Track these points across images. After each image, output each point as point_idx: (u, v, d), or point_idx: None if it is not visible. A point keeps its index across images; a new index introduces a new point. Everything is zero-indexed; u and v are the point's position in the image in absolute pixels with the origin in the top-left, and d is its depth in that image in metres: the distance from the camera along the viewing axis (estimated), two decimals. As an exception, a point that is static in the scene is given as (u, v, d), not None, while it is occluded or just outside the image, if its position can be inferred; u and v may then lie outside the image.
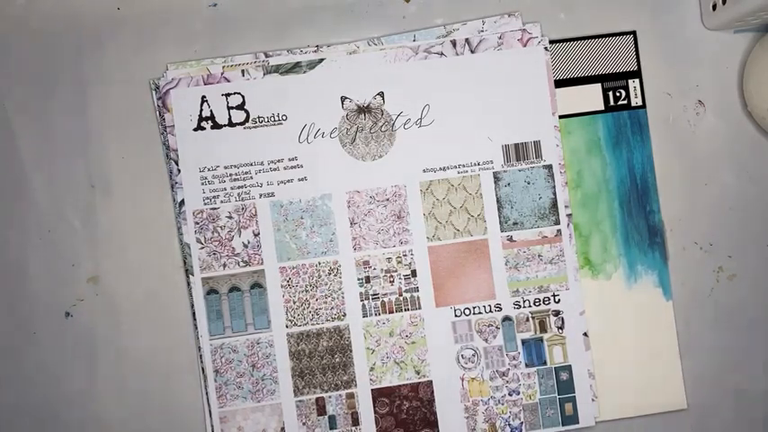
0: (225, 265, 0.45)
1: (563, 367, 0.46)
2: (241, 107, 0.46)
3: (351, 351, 0.46)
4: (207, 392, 0.45)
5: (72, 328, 0.45)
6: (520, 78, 0.46)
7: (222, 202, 0.45)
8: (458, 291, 0.46)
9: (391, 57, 0.46)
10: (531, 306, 0.46)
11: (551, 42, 0.46)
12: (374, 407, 0.46)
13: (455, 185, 0.46)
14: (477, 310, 0.46)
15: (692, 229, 0.47)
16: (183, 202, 0.45)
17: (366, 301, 0.46)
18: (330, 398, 0.45)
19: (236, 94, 0.46)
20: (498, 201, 0.46)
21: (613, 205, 0.46)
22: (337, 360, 0.46)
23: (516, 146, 0.46)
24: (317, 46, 0.46)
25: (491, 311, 0.46)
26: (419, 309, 0.46)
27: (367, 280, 0.46)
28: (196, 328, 0.45)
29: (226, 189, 0.45)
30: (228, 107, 0.45)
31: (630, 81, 0.47)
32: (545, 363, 0.46)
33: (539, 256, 0.46)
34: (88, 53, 0.46)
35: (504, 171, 0.46)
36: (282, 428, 0.45)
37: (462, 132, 0.46)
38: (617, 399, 0.46)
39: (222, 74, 0.45)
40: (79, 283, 0.46)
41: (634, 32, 0.47)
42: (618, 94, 0.46)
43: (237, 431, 0.45)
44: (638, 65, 0.47)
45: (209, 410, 0.45)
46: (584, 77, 0.46)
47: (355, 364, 0.46)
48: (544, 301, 0.46)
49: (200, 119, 0.45)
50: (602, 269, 0.46)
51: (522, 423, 0.46)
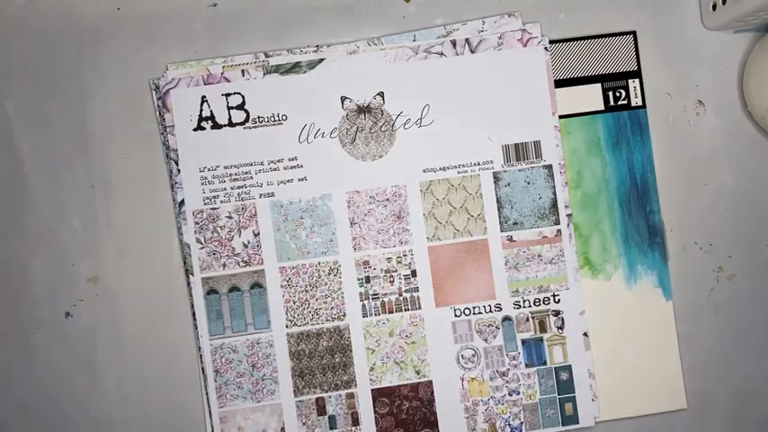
0: (225, 265, 0.45)
1: (563, 367, 0.46)
2: (241, 107, 0.45)
3: (351, 351, 0.46)
4: (207, 392, 0.45)
5: (72, 328, 0.45)
6: (520, 78, 0.46)
7: (222, 202, 0.45)
8: (458, 291, 0.46)
9: (391, 57, 0.46)
10: (531, 306, 0.46)
11: (551, 42, 0.46)
12: (374, 407, 0.46)
13: (455, 185, 0.46)
14: (477, 310, 0.46)
15: (692, 229, 0.47)
16: (183, 202, 0.45)
17: (366, 301, 0.46)
18: (330, 398, 0.45)
19: (236, 94, 0.46)
20: (498, 201, 0.46)
21: (613, 205, 0.46)
22: (337, 360, 0.46)
23: (516, 146, 0.46)
24: (317, 46, 0.46)
25: (491, 311, 0.46)
26: (419, 309, 0.46)
27: (367, 280, 0.46)
28: (196, 328, 0.45)
29: (226, 189, 0.45)
30: (228, 107, 0.45)
31: (630, 81, 0.47)
32: (545, 363, 0.46)
33: (539, 256, 0.46)
34: (88, 53, 0.46)
35: (504, 171, 0.46)
36: (282, 428, 0.45)
37: (462, 132, 0.46)
38: (617, 399, 0.46)
39: (222, 74, 0.45)
40: (79, 283, 0.46)
41: (634, 32, 0.47)
42: (618, 94, 0.46)
43: (237, 431, 0.45)
44: (638, 65, 0.47)
45: (209, 410, 0.45)
46: (584, 77, 0.46)
47: (355, 364, 0.46)
48: (544, 301, 0.46)
49: (200, 119, 0.45)
50: (602, 269, 0.46)
51: (522, 423, 0.46)
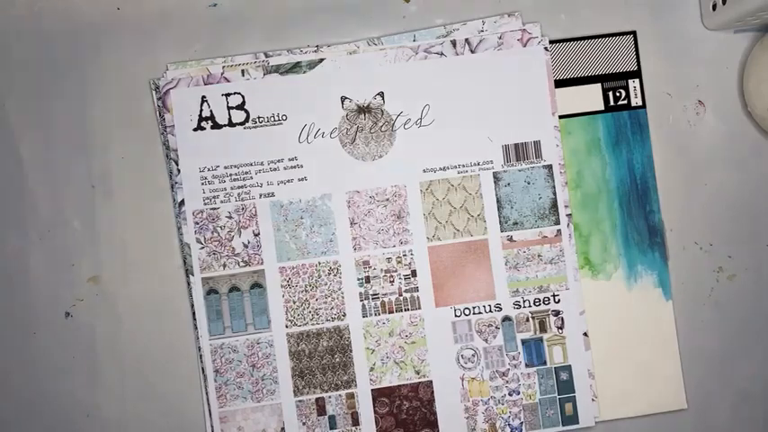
0: (225, 265, 0.45)
1: (563, 367, 0.46)
2: (241, 107, 0.45)
3: (351, 351, 0.46)
4: (207, 392, 0.45)
5: (72, 328, 0.45)
6: (520, 78, 0.46)
7: (222, 202, 0.45)
8: (458, 291, 0.46)
9: (391, 57, 0.46)
10: (531, 306, 0.46)
11: (551, 42, 0.46)
12: (374, 407, 0.46)
13: (455, 185, 0.46)
14: (477, 310, 0.46)
15: (692, 229, 0.47)
16: (182, 202, 0.45)
17: (366, 301, 0.46)
18: (330, 398, 0.45)
19: (236, 94, 0.46)
20: (498, 201, 0.46)
21: (613, 205, 0.46)
22: (337, 360, 0.45)
23: (516, 146, 0.46)
24: (317, 46, 0.46)
25: (491, 311, 0.46)
26: (419, 309, 0.46)
27: (367, 280, 0.46)
28: (196, 328, 0.45)
29: (226, 189, 0.45)
30: (228, 107, 0.45)
31: (630, 81, 0.47)
32: (545, 363, 0.46)
33: (539, 256, 0.46)
34: (88, 53, 0.46)
35: (504, 171, 0.46)
36: (282, 428, 0.45)
37: (462, 132, 0.46)
38: (617, 399, 0.46)
39: (222, 74, 0.45)
40: (79, 283, 0.46)
41: (634, 32, 0.47)
42: (618, 94, 0.46)
43: (237, 431, 0.45)
44: (638, 65, 0.47)
45: (209, 410, 0.45)
46: (584, 77, 0.46)
47: (355, 364, 0.46)
48: (544, 301, 0.46)
49: (200, 119, 0.45)
50: (602, 269, 0.46)
51: (522, 423, 0.46)
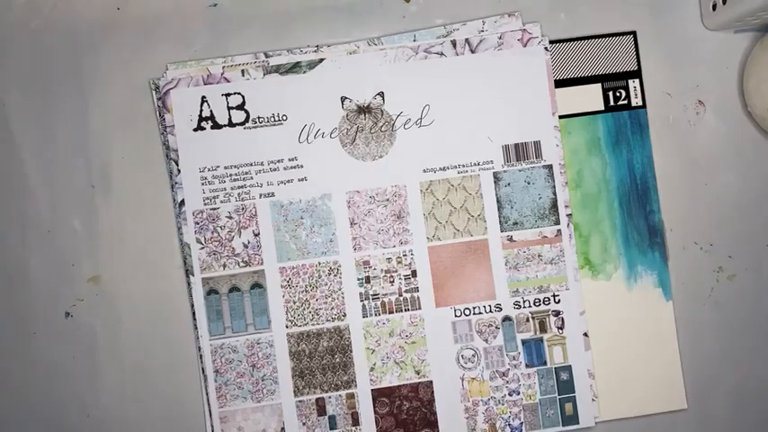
0: (225, 266, 0.45)
1: (563, 367, 0.46)
2: (241, 107, 0.45)
3: (351, 351, 0.46)
4: (207, 392, 0.45)
5: (72, 328, 0.45)
6: (520, 78, 0.46)
7: (222, 202, 0.45)
8: (458, 291, 0.46)
9: (391, 57, 0.46)
10: (531, 306, 0.46)
11: (551, 42, 0.46)
12: (374, 407, 0.46)
13: (455, 185, 0.46)
14: (477, 310, 0.46)
15: (692, 229, 0.47)
16: (183, 202, 0.45)
17: (366, 302, 0.46)
18: (330, 398, 0.45)
19: (236, 94, 0.46)
20: (498, 201, 0.46)
21: (613, 205, 0.46)
22: (337, 360, 0.45)
23: (516, 146, 0.46)
24: (317, 46, 0.46)
25: (491, 311, 0.46)
26: (419, 309, 0.46)
27: (367, 280, 0.46)
28: (196, 328, 0.45)
29: (226, 189, 0.45)
30: (228, 107, 0.45)
31: (630, 81, 0.47)
32: (545, 363, 0.46)
33: (539, 256, 0.46)
34: (88, 53, 0.46)
35: (504, 171, 0.46)
36: (282, 428, 0.45)
37: (462, 132, 0.46)
38: (617, 399, 0.46)
39: (222, 74, 0.45)
40: (79, 283, 0.46)
41: (634, 32, 0.47)
42: (618, 94, 0.46)
43: (237, 431, 0.45)
44: (638, 65, 0.47)
45: (209, 410, 0.45)
46: (584, 77, 0.46)
47: (355, 364, 0.46)
48: (544, 301, 0.46)
49: (200, 119, 0.45)
50: (602, 269, 0.46)
51: (523, 423, 0.46)
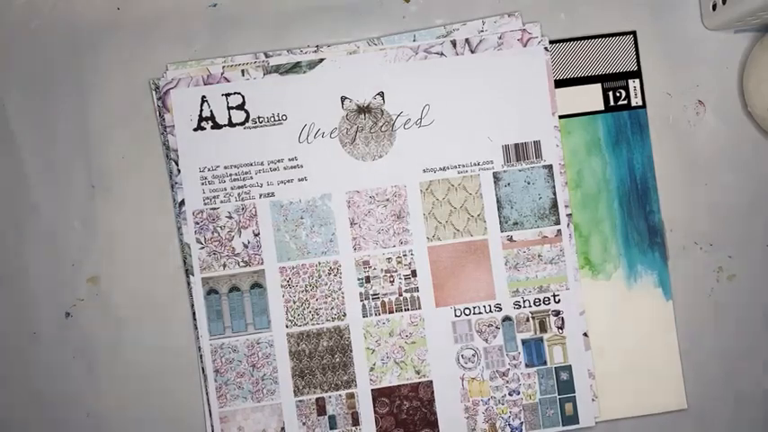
0: (225, 266, 0.45)
1: (563, 367, 0.46)
2: (241, 107, 0.45)
3: (351, 351, 0.46)
4: (207, 392, 0.45)
5: (72, 328, 0.45)
6: (520, 78, 0.46)
7: (222, 202, 0.45)
8: (458, 291, 0.46)
9: (391, 57, 0.46)
10: (531, 306, 0.46)
11: (551, 42, 0.46)
12: (374, 407, 0.46)
13: (455, 185, 0.46)
14: (477, 310, 0.46)
15: (692, 229, 0.47)
16: (183, 202, 0.45)
17: (366, 301, 0.46)
18: (330, 398, 0.45)
19: (236, 94, 0.46)
20: (498, 201, 0.46)
21: (613, 205, 0.46)
22: (337, 360, 0.45)
23: (516, 146, 0.46)
24: (316, 46, 0.46)
25: (491, 311, 0.46)
26: (419, 309, 0.46)
27: (367, 280, 0.46)
28: (196, 328, 0.45)
29: (226, 189, 0.45)
30: (228, 107, 0.45)
31: (630, 81, 0.47)
32: (545, 363, 0.46)
33: (539, 256, 0.46)
34: (88, 53, 0.46)
35: (504, 171, 0.46)
36: (282, 428, 0.45)
37: (462, 132, 0.46)
38: (617, 399, 0.46)
39: (222, 74, 0.45)
40: (79, 283, 0.46)
41: (634, 32, 0.47)
42: (618, 94, 0.46)
43: (237, 431, 0.45)
44: (638, 65, 0.47)
45: (209, 410, 0.45)
46: (584, 77, 0.46)
47: (355, 364, 0.46)
48: (544, 301, 0.46)
49: (201, 119, 0.45)
50: (602, 269, 0.46)
51: (523, 423, 0.46)
